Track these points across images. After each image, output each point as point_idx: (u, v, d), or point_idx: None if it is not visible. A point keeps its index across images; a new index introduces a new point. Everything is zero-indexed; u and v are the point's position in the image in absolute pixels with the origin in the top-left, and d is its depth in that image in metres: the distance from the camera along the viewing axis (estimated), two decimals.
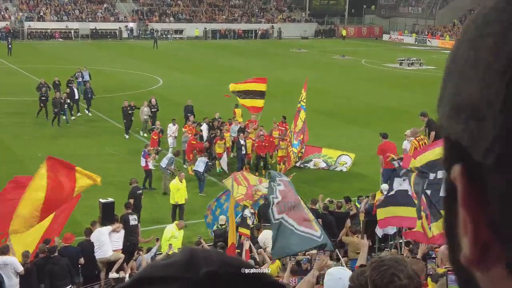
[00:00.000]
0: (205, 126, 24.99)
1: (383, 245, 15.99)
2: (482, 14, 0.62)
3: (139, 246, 15.41)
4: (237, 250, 14.07)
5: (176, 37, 73.67)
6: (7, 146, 25.49)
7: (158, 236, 15.65)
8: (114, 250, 14.68)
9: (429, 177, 11.60)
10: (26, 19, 69.14)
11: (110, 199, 16.59)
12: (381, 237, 15.98)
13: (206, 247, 11.54)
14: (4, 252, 12.74)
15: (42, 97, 29.84)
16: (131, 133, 27.30)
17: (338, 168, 23.57)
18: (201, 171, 20.53)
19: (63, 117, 29.16)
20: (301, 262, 13.24)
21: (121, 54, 55.80)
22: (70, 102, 29.95)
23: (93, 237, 14.48)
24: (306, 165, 23.80)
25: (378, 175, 20.27)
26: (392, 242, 15.96)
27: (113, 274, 14.26)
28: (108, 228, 14.85)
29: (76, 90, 30.88)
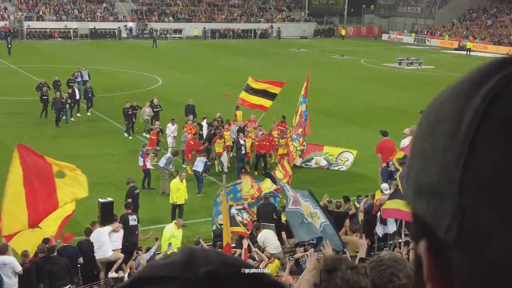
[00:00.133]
0: (205, 126, 24.97)
1: (383, 244, 16.00)
2: (441, 99, 0.67)
3: (139, 246, 15.42)
4: (234, 250, 14.07)
5: (175, 36, 73.64)
6: (7, 146, 25.41)
7: (157, 235, 15.65)
8: (113, 250, 14.68)
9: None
10: (25, 19, 69.09)
11: (109, 199, 16.61)
12: (381, 236, 15.99)
13: (205, 247, 11.55)
14: (2, 252, 12.73)
15: (43, 96, 29.76)
16: (132, 133, 27.22)
17: (339, 166, 23.55)
18: (200, 171, 20.53)
19: (63, 117, 29.10)
20: (300, 261, 13.24)
21: (120, 54, 55.77)
22: (71, 103, 29.84)
23: (92, 237, 14.47)
24: (308, 163, 23.77)
25: (378, 175, 20.26)
26: (391, 241, 15.98)
27: (112, 274, 14.26)
28: (108, 228, 14.85)
29: (77, 90, 30.82)
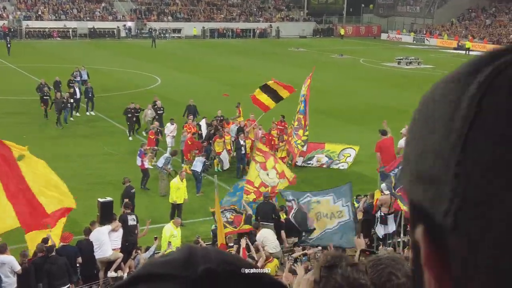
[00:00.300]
0: (204, 125, 24.96)
1: (381, 242, 16.00)
2: (438, 88, 0.68)
3: (138, 246, 15.42)
4: (232, 249, 14.08)
5: (174, 36, 73.60)
6: None
7: (156, 235, 15.65)
8: (112, 250, 14.69)
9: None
10: (24, 18, 69.02)
11: (108, 199, 16.62)
12: (381, 237, 15.99)
13: (206, 246, 11.51)
14: (1, 251, 12.73)
15: (44, 97, 29.55)
16: (133, 134, 27.02)
17: (340, 163, 23.50)
18: (198, 171, 20.52)
19: (62, 116, 28.98)
20: (298, 260, 13.26)
21: (119, 53, 55.74)
22: (74, 103, 29.68)
23: (92, 236, 14.47)
24: (309, 162, 23.73)
25: (377, 175, 20.24)
26: (390, 241, 15.98)
27: (111, 273, 14.26)
28: (107, 227, 14.84)
29: (78, 90, 30.66)
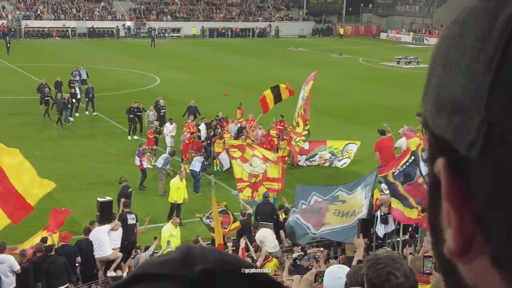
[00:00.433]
0: (203, 126, 24.96)
1: (380, 241, 15.98)
2: (466, 11, 0.63)
3: (137, 245, 15.43)
4: (232, 248, 14.08)
5: (173, 35, 73.57)
6: (5, 144, 25.38)
7: (154, 235, 15.66)
8: (112, 249, 14.69)
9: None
10: (23, 18, 68.97)
11: (108, 198, 16.62)
12: (382, 236, 15.96)
13: (204, 245, 11.54)
14: (1, 250, 12.73)
15: (45, 98, 29.32)
16: (133, 134, 26.91)
17: (344, 159, 23.50)
18: (197, 171, 20.50)
19: (63, 117, 28.83)
20: (297, 260, 13.26)
21: (118, 53, 55.70)
22: (75, 102, 29.49)
23: (92, 236, 14.47)
24: (312, 159, 23.73)
25: (376, 174, 20.22)
26: (389, 240, 15.97)
27: (111, 273, 14.27)
28: (107, 226, 14.84)
29: (78, 90, 30.47)
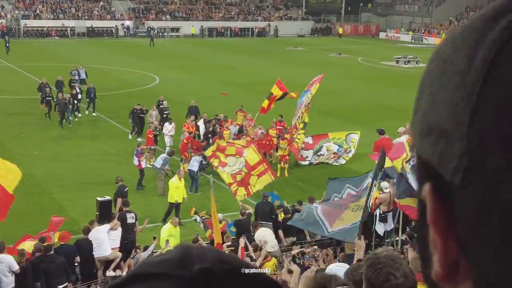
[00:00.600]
0: (201, 122, 24.92)
1: (379, 240, 15.98)
2: (453, 37, 0.65)
3: (137, 245, 15.43)
4: (231, 248, 14.08)
5: (172, 35, 73.56)
6: (4, 144, 25.40)
7: (153, 234, 15.66)
8: (111, 249, 14.68)
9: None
10: (22, 17, 68.93)
11: (107, 197, 16.63)
12: (381, 234, 15.97)
13: (204, 245, 11.55)
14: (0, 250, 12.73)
15: (47, 97, 29.06)
16: (134, 134, 26.76)
17: (351, 149, 23.55)
18: (195, 170, 20.45)
19: (69, 117, 28.61)
20: (296, 258, 13.26)
21: (117, 52, 55.68)
22: (77, 103, 29.30)
23: (91, 235, 14.46)
24: (320, 153, 23.77)
25: None
26: (388, 239, 15.97)
27: (110, 272, 14.26)
28: (106, 226, 14.84)
29: (79, 90, 30.26)
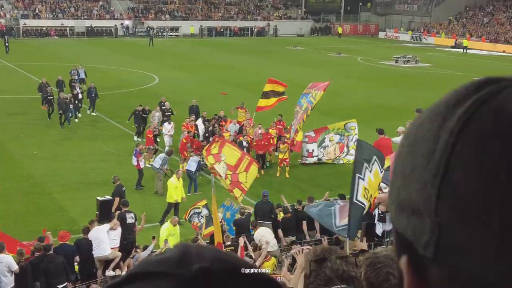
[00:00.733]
0: (200, 121, 24.90)
1: (378, 240, 15.97)
2: (421, 120, 0.70)
3: (136, 245, 15.43)
4: (230, 248, 14.08)
5: (171, 34, 73.56)
6: (4, 144, 25.40)
7: (152, 234, 15.66)
8: (111, 248, 14.68)
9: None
10: (21, 17, 68.90)
11: (107, 197, 16.63)
12: (380, 234, 15.96)
13: (204, 244, 11.55)
14: None
15: (48, 97, 28.86)
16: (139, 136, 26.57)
17: (353, 137, 23.60)
18: (193, 171, 20.40)
19: (70, 117, 28.48)
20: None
21: (117, 52, 55.68)
22: (78, 103, 29.14)
23: (91, 235, 14.46)
24: (324, 144, 23.93)
25: None
26: (388, 239, 15.96)
27: (110, 272, 14.26)
28: (106, 226, 14.83)
29: (79, 90, 30.18)
